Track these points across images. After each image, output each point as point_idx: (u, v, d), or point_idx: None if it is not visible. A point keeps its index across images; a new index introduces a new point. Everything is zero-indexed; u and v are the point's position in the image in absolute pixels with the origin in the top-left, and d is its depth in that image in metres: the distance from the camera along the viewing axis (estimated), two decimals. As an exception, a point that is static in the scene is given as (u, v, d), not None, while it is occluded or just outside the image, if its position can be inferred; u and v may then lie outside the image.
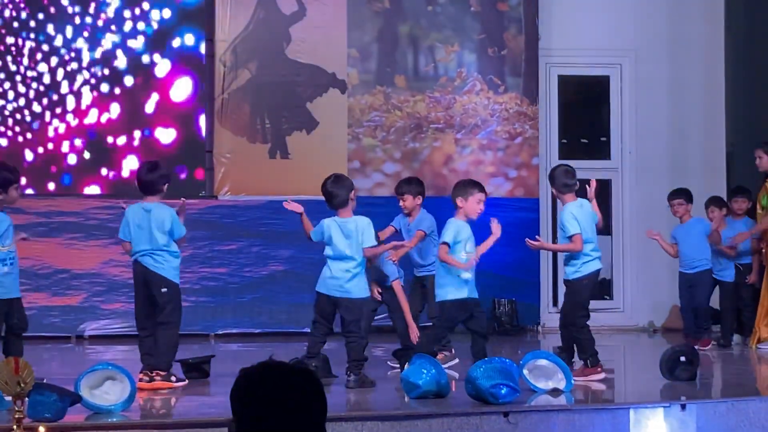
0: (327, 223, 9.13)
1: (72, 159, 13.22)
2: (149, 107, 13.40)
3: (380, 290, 10.02)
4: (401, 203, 10.58)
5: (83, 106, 13.29)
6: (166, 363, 9.00)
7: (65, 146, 13.21)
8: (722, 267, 12.34)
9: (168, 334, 9.05)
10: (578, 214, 9.53)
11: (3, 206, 8.88)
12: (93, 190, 13.26)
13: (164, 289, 9.04)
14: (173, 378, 9.02)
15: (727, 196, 13.09)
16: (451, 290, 9.25)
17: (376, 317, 10.40)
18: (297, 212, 9.21)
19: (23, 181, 11.08)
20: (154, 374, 8.91)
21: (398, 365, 9.97)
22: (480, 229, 9.44)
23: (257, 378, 3.43)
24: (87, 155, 13.25)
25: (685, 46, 14.90)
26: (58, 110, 13.24)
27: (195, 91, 13.49)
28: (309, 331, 9.26)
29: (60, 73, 13.29)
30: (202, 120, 13.49)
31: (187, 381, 9.18)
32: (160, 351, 9.00)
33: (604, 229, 14.86)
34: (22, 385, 6.09)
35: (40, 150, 13.17)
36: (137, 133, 13.38)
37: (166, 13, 13.48)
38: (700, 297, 12.12)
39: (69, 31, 13.30)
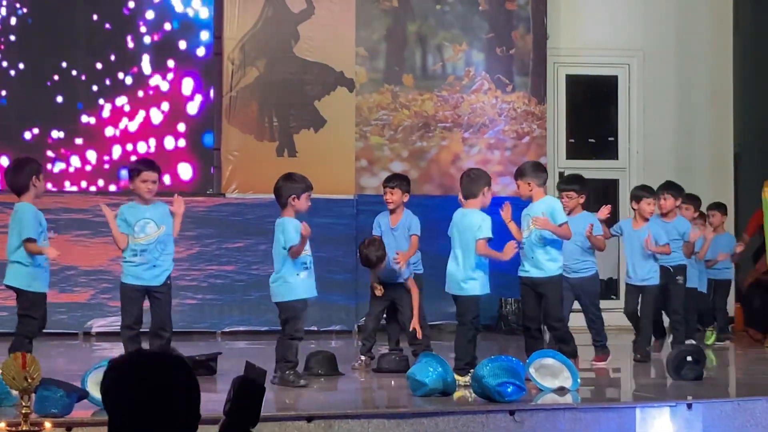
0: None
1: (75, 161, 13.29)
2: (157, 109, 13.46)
3: (384, 288, 10.08)
4: (388, 196, 10.32)
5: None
6: None
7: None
8: (648, 271, 10.90)
9: None
10: None
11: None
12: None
13: None
14: None
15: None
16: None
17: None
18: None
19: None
20: None
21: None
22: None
23: (127, 368, 3.38)
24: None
25: (693, 47, 14.89)
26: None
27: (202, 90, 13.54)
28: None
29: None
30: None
31: None
32: None
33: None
34: (29, 380, 6.09)
35: (50, 153, 13.22)
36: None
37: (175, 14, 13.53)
38: (588, 306, 10.62)
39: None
